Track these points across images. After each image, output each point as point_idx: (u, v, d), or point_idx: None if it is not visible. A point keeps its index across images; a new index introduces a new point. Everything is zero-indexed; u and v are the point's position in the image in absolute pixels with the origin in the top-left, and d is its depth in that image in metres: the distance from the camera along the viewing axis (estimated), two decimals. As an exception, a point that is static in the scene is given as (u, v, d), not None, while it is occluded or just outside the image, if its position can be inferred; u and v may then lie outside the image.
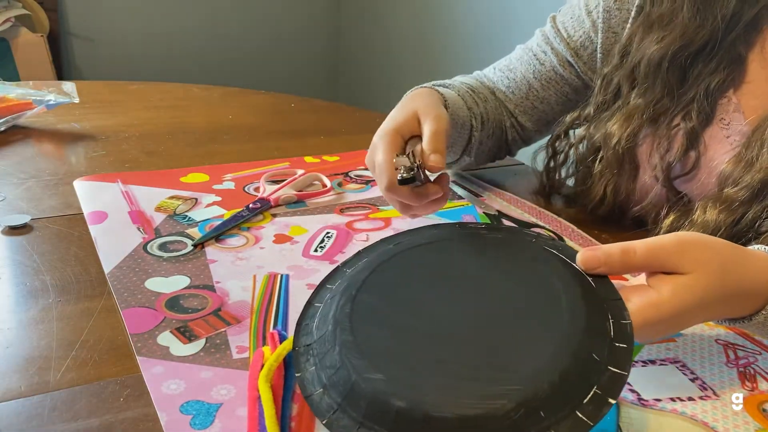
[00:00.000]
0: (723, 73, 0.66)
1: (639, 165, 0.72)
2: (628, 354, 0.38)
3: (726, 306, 0.45)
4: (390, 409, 0.36)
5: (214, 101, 1.23)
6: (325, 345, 0.41)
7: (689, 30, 0.66)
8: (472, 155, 0.79)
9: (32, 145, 0.92)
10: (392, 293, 0.44)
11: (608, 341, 0.39)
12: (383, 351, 0.39)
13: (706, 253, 0.43)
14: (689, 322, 0.45)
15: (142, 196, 0.74)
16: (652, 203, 0.71)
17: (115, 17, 2.68)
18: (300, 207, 0.74)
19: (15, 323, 0.51)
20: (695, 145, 0.67)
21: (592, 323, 0.39)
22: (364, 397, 0.37)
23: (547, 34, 0.80)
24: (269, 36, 2.99)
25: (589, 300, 0.41)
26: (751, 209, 0.60)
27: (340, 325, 0.41)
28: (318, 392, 0.39)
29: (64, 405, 0.42)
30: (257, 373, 0.44)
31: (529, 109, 0.82)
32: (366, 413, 0.37)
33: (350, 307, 0.42)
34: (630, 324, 0.40)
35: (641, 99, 0.70)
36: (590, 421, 0.35)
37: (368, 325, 0.41)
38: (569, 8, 0.79)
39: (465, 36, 2.40)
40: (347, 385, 0.38)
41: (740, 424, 0.44)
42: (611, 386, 0.36)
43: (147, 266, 0.59)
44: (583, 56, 0.77)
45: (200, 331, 0.51)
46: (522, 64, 0.82)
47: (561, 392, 0.35)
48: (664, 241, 0.43)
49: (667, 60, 0.67)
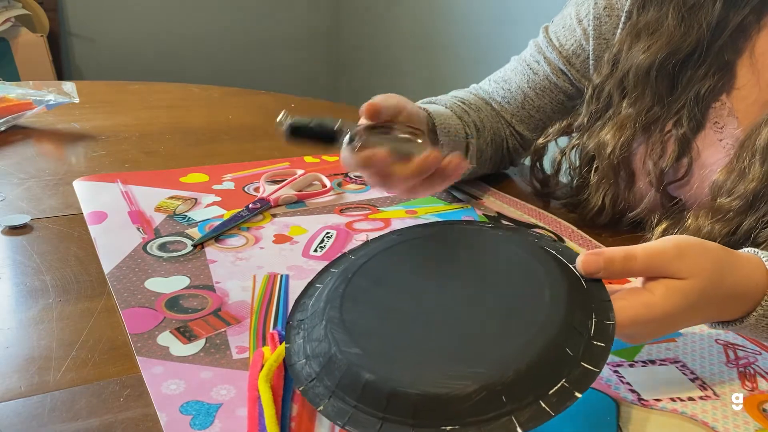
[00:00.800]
0: (712, 79, 0.67)
1: (635, 172, 0.72)
2: (605, 353, 0.39)
3: (718, 309, 0.45)
4: (360, 380, 0.38)
5: (214, 101, 1.23)
6: (314, 320, 0.43)
7: (675, 37, 0.67)
8: (472, 162, 0.79)
9: (32, 145, 0.92)
10: (386, 278, 0.46)
11: (586, 338, 0.39)
12: (365, 328, 0.41)
13: (702, 259, 0.44)
14: (681, 324, 0.45)
15: (141, 196, 0.74)
16: (647, 208, 0.71)
17: (115, 17, 2.69)
18: (300, 207, 0.74)
19: (15, 323, 0.51)
20: (687, 152, 0.68)
21: (571, 319, 0.40)
22: (339, 369, 0.39)
23: (540, 44, 0.81)
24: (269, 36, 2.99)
25: (574, 298, 0.41)
26: (746, 219, 0.61)
27: (331, 303, 0.43)
28: (301, 362, 0.42)
29: (64, 405, 0.42)
30: (257, 373, 0.44)
31: (525, 118, 0.83)
32: (339, 383, 0.39)
33: (343, 288, 0.44)
34: (613, 325, 0.40)
35: (632, 108, 0.70)
36: (552, 412, 0.36)
37: (357, 305, 0.43)
38: (561, 18, 0.80)
39: (465, 36, 2.40)
40: (326, 357, 0.40)
41: (740, 424, 0.44)
42: (581, 381, 0.37)
43: (147, 266, 0.59)
44: (575, 64, 0.78)
45: (200, 331, 0.51)
46: (516, 75, 0.83)
47: (526, 380, 0.36)
48: (664, 247, 0.44)
49: (655, 68, 0.68)
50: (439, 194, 0.79)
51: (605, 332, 0.40)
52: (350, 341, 0.40)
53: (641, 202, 0.71)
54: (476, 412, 0.36)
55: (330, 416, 0.38)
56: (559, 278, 0.43)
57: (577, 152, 0.77)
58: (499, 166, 0.87)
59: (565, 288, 0.42)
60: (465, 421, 0.36)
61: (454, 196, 0.79)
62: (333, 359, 0.40)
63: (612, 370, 0.48)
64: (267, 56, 3.00)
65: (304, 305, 0.47)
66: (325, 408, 0.39)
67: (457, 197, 0.79)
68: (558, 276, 0.43)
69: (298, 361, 0.42)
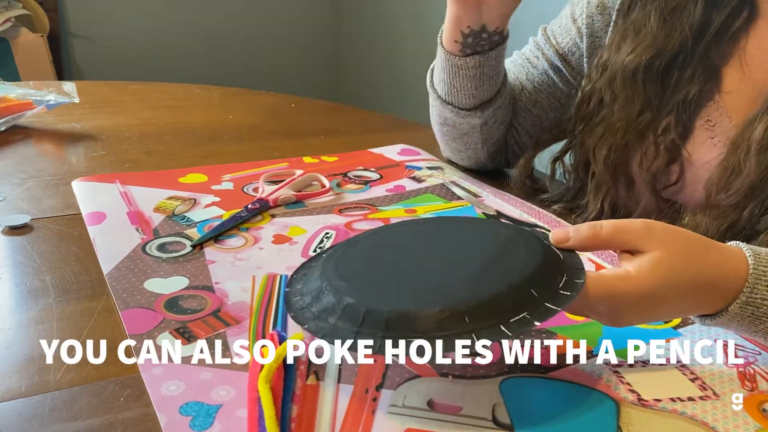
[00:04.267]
0: (701, 82, 0.67)
1: (633, 177, 0.72)
2: (570, 300, 0.42)
3: (696, 294, 0.45)
4: (341, 304, 0.43)
5: (214, 101, 1.23)
6: (313, 271, 0.49)
7: (659, 39, 0.67)
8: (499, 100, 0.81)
9: (32, 145, 0.92)
10: (384, 245, 0.51)
11: (553, 288, 0.43)
12: (355, 272, 0.47)
13: (670, 235, 0.45)
14: (656, 305, 0.45)
15: (140, 197, 0.74)
16: (645, 212, 0.71)
17: (115, 17, 2.69)
18: (299, 207, 0.74)
19: (15, 323, 0.51)
20: (677, 158, 0.68)
21: (541, 272, 0.43)
22: (326, 297, 0.44)
23: (538, 42, 0.83)
24: (270, 36, 2.99)
25: (548, 260, 0.45)
26: (747, 208, 0.61)
27: (330, 258, 0.49)
28: (297, 298, 0.47)
29: (64, 405, 0.42)
30: (257, 374, 0.44)
31: (522, 110, 0.84)
32: (324, 308, 0.44)
33: (343, 250, 0.50)
34: (582, 283, 0.43)
35: (623, 111, 0.70)
36: (509, 332, 0.40)
37: (352, 260, 0.48)
38: (558, 19, 0.83)
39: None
40: (317, 291, 0.45)
41: (740, 424, 0.44)
42: (541, 315, 0.41)
43: (146, 267, 0.59)
44: (571, 61, 0.80)
45: (199, 332, 0.51)
46: (516, 67, 0.85)
47: (488, 308, 0.41)
48: (633, 222, 0.46)
49: (641, 70, 0.68)
50: (439, 192, 0.79)
51: (573, 286, 0.43)
52: (338, 278, 0.45)
53: (638, 206, 0.72)
54: (441, 328, 0.40)
55: (313, 331, 0.43)
56: (536, 243, 0.47)
57: (571, 156, 0.78)
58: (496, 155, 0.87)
59: (540, 250, 0.45)
60: (430, 335, 0.40)
61: (453, 194, 0.79)
62: (322, 291, 0.45)
63: (612, 370, 0.48)
64: (267, 56, 3.00)
65: (309, 265, 0.51)
66: (309, 326, 0.44)
67: (456, 195, 0.79)
68: (536, 243, 0.47)
69: (294, 297, 0.47)
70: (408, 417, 0.43)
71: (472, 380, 0.46)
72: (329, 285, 0.45)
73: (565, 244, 0.47)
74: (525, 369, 0.48)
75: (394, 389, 0.45)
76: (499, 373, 0.47)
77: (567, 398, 0.45)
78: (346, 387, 0.45)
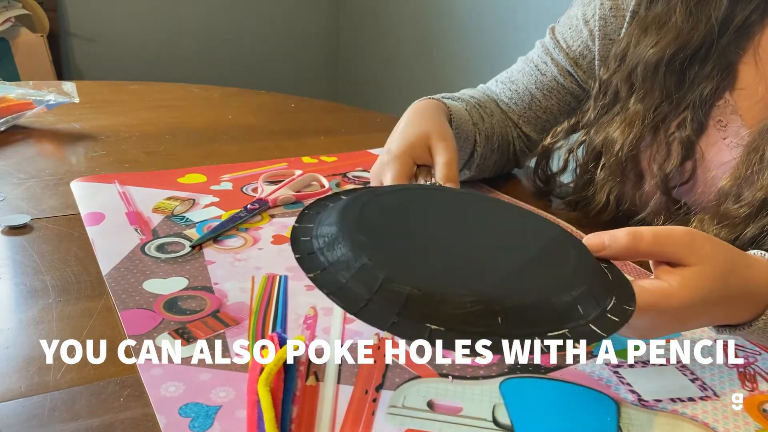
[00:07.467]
0: (716, 78, 0.66)
1: (643, 173, 0.71)
2: (617, 327, 0.38)
3: (728, 307, 0.45)
4: (357, 262, 0.37)
5: (213, 101, 1.23)
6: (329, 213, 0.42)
7: (684, 32, 0.66)
8: (472, 170, 0.79)
9: (32, 145, 0.92)
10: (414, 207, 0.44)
11: (601, 309, 0.39)
12: (378, 229, 0.40)
13: (712, 248, 0.43)
14: (691, 319, 0.44)
15: (139, 197, 0.74)
16: (652, 212, 0.71)
17: (115, 17, 2.69)
18: (298, 207, 0.74)
19: (15, 323, 0.51)
20: (691, 155, 0.67)
21: (590, 289, 0.39)
22: (340, 248, 0.38)
23: (547, 46, 0.81)
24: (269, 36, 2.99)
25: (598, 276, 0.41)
26: (749, 227, 0.60)
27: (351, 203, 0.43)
28: (305, 239, 0.41)
29: (64, 405, 0.42)
30: (256, 376, 0.44)
31: (532, 119, 0.83)
32: (338, 260, 0.38)
33: (369, 197, 0.44)
34: (632, 311, 0.39)
35: (641, 104, 0.69)
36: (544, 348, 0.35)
37: (377, 214, 0.42)
38: (567, 19, 0.80)
39: (465, 36, 2.40)
40: (332, 237, 0.39)
41: (740, 425, 0.44)
42: (584, 335, 0.37)
43: (145, 267, 0.59)
44: (582, 65, 0.78)
45: (199, 332, 0.51)
46: (524, 76, 0.83)
47: (527, 313, 0.36)
48: (674, 232, 0.43)
49: (664, 64, 0.67)
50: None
51: (623, 315, 0.39)
52: (359, 230, 0.39)
53: (646, 206, 0.71)
54: (466, 322, 0.34)
55: (319, 284, 0.37)
56: (587, 255, 0.42)
57: (584, 148, 0.77)
58: (504, 168, 0.87)
59: (591, 264, 0.41)
60: (452, 326, 0.34)
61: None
62: (336, 240, 0.39)
63: (612, 370, 0.48)
64: (267, 56, 3.00)
65: (322, 204, 0.45)
66: (315, 276, 0.37)
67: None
68: (585, 252, 0.42)
69: (302, 237, 0.41)
70: (408, 418, 0.43)
71: (472, 381, 0.46)
72: (346, 236, 0.39)
73: (600, 253, 0.43)
74: (525, 369, 0.48)
75: (393, 390, 0.45)
76: (499, 374, 0.47)
77: (567, 399, 0.45)
78: (345, 388, 0.45)
